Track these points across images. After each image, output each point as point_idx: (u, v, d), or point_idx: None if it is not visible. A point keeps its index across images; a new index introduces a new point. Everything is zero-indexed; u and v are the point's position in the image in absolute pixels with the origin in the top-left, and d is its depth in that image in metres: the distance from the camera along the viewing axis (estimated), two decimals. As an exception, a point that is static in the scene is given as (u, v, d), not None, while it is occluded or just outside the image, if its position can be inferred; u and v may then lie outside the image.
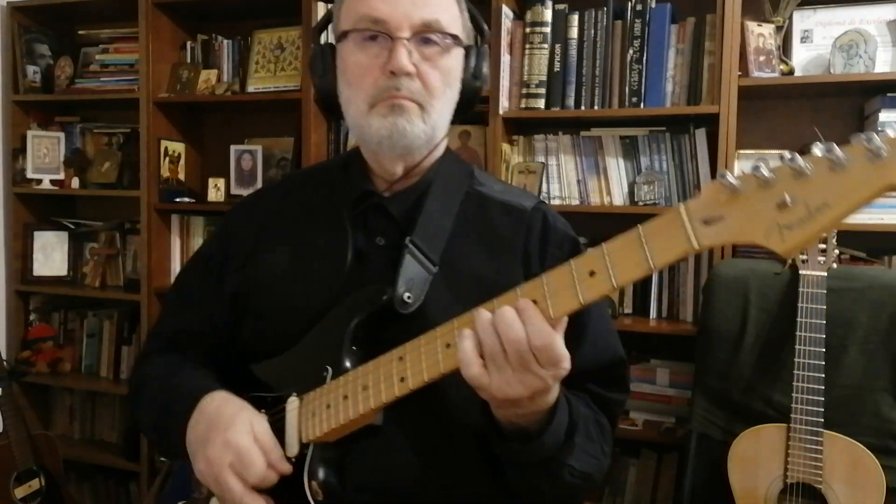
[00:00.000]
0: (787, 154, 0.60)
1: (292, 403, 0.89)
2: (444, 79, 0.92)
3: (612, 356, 0.98)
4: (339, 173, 1.03)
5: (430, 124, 0.91)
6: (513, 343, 0.69)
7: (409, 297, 0.88)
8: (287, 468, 0.85)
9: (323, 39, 1.02)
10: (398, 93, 0.88)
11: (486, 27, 1.01)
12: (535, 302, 0.71)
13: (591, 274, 0.68)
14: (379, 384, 0.81)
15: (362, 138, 0.94)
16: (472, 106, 1.00)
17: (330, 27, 1.00)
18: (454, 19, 0.93)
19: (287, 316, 0.94)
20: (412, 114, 0.89)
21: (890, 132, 0.57)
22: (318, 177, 1.07)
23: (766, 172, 0.60)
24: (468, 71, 0.97)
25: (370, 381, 0.82)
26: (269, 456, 0.84)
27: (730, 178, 0.62)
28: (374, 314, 0.88)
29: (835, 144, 0.58)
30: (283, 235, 1.01)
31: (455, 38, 0.92)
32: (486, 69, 0.99)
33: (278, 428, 0.89)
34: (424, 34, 0.89)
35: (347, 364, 0.87)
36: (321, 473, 0.85)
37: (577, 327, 0.72)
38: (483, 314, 0.72)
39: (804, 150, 0.60)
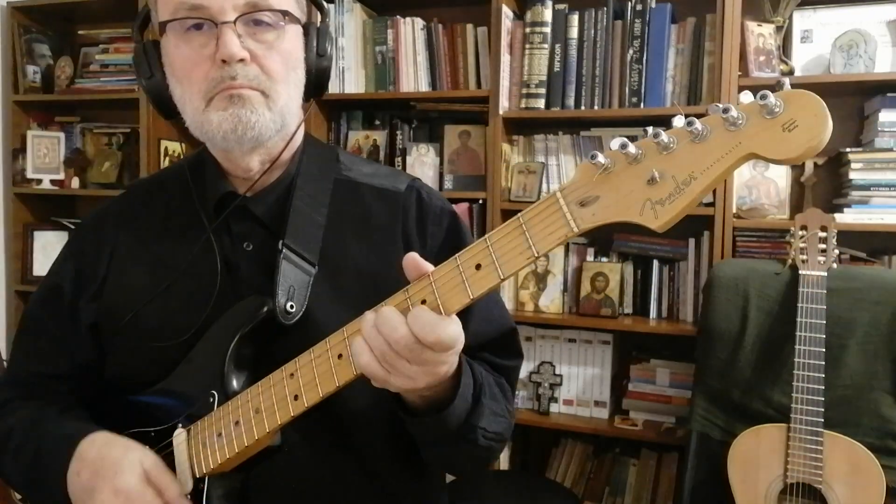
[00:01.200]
0: (650, 129, 0.60)
1: (179, 436, 0.82)
2: (285, 60, 0.83)
3: (501, 326, 0.95)
4: (188, 178, 0.94)
5: (277, 112, 0.83)
6: (400, 343, 0.66)
7: (291, 307, 0.82)
8: (180, 500, 0.79)
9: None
10: (234, 82, 0.79)
11: (323, 2, 0.92)
12: (424, 301, 0.68)
13: (478, 267, 0.66)
14: (272, 405, 0.76)
15: (206, 137, 0.85)
16: (323, 87, 0.92)
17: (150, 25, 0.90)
18: (286, 3, 0.84)
19: (157, 341, 0.86)
20: (255, 102, 0.81)
21: (744, 98, 0.57)
22: (166, 184, 0.98)
23: (632, 149, 0.60)
24: (311, 50, 0.88)
25: (262, 402, 0.76)
26: (166, 495, 0.78)
27: (599, 157, 0.61)
28: (256, 329, 0.82)
29: (695, 118, 0.58)
30: (139, 254, 0.92)
31: (287, 14, 0.83)
32: (329, 47, 0.90)
33: (167, 464, 0.82)
34: (252, 15, 0.80)
35: (234, 385, 0.81)
36: None
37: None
38: (367, 318, 0.68)
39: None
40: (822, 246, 1.65)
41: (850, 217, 1.91)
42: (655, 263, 2.19)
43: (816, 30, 2.04)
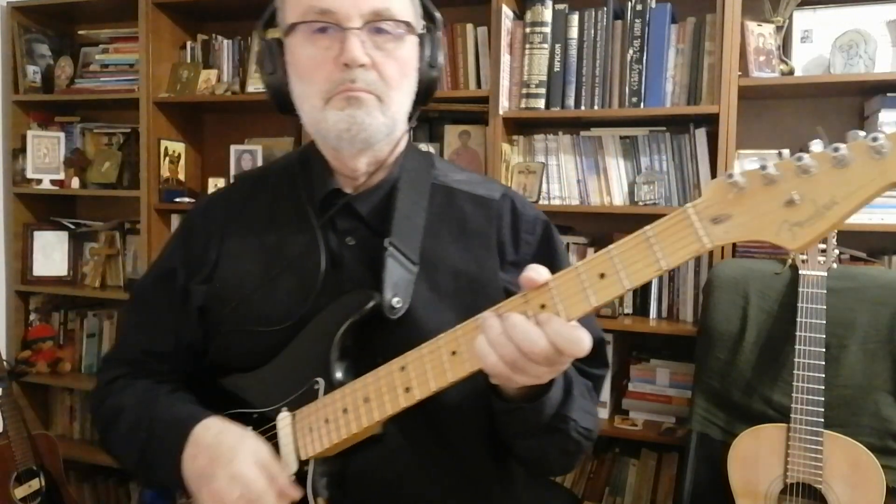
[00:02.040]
0: (786, 152, 0.60)
1: (284, 420, 0.86)
2: (401, 69, 0.88)
3: (594, 336, 0.97)
4: (297, 172, 0.98)
5: (389, 116, 0.87)
6: (540, 355, 0.68)
7: (398, 302, 0.85)
8: (297, 493, 0.82)
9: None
10: (354, 85, 0.84)
11: (437, 14, 0.96)
12: (543, 307, 0.70)
13: (602, 276, 0.68)
14: (382, 396, 0.79)
15: (320, 134, 0.90)
16: (430, 96, 0.96)
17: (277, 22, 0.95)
18: (405, 6, 0.89)
19: (262, 326, 0.90)
20: (370, 106, 0.85)
21: (888, 129, 0.57)
22: (274, 177, 1.02)
23: (771, 170, 0.60)
24: (423, 60, 0.92)
25: (371, 392, 0.79)
26: (277, 482, 0.82)
27: (736, 176, 0.62)
28: (361, 321, 0.85)
29: (840, 144, 0.58)
30: (248, 242, 0.96)
31: (408, 25, 0.88)
32: (441, 58, 0.95)
33: (270, 446, 0.86)
34: (376, 23, 0.85)
35: (338, 374, 0.84)
36: (325, 489, 0.84)
37: None
38: (492, 325, 0.70)
39: (803, 150, 0.61)
40: (822, 246, 1.65)
41: (850, 217, 1.91)
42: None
43: (816, 30, 2.04)
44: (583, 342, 0.68)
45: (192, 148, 2.77)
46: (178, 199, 2.61)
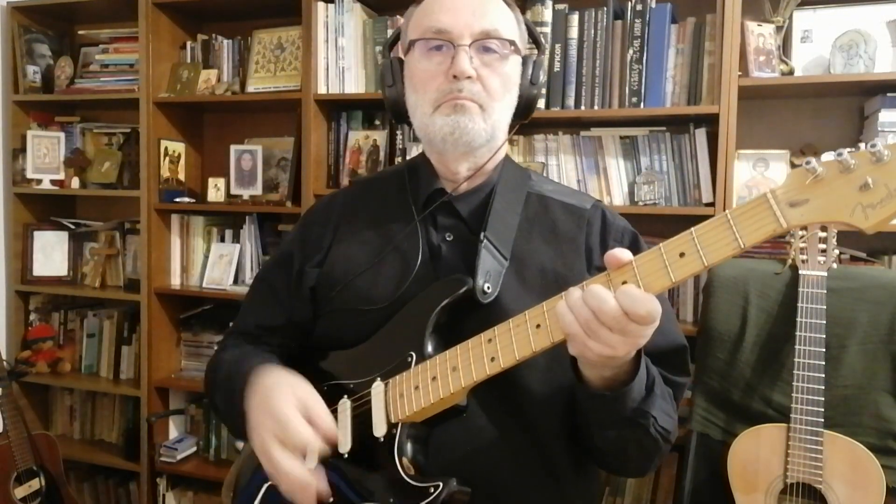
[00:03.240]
0: (862, 144, 0.66)
1: (377, 387, 0.93)
2: (503, 83, 0.99)
3: (676, 342, 1.01)
4: (406, 176, 1.09)
5: (489, 124, 0.98)
6: (608, 315, 0.72)
7: (488, 288, 0.93)
8: (331, 427, 0.90)
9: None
10: (460, 94, 0.95)
11: (542, 41, 1.09)
12: (624, 283, 0.74)
13: (682, 255, 0.73)
14: (469, 364, 0.85)
15: (427, 138, 1.01)
16: (530, 112, 1.06)
17: (399, 43, 1.08)
18: (512, 30, 1.00)
19: (364, 306, 1.00)
20: (473, 113, 0.96)
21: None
22: (387, 180, 1.14)
23: (848, 158, 0.66)
24: (525, 78, 1.03)
25: (459, 362, 0.86)
26: (318, 423, 0.89)
27: (814, 163, 0.67)
28: (455, 304, 0.93)
29: None
30: (359, 233, 1.08)
31: (513, 44, 0.99)
32: (542, 78, 1.05)
33: (363, 412, 0.94)
34: (484, 42, 0.96)
35: (430, 349, 0.92)
36: (410, 451, 0.90)
37: None
38: (572, 292, 0.76)
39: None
40: (822, 246, 1.65)
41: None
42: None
43: (816, 30, 2.04)
44: (650, 304, 0.72)
45: (192, 148, 2.77)
46: (178, 199, 2.61)
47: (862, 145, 0.65)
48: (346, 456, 0.94)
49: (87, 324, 2.87)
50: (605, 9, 2.14)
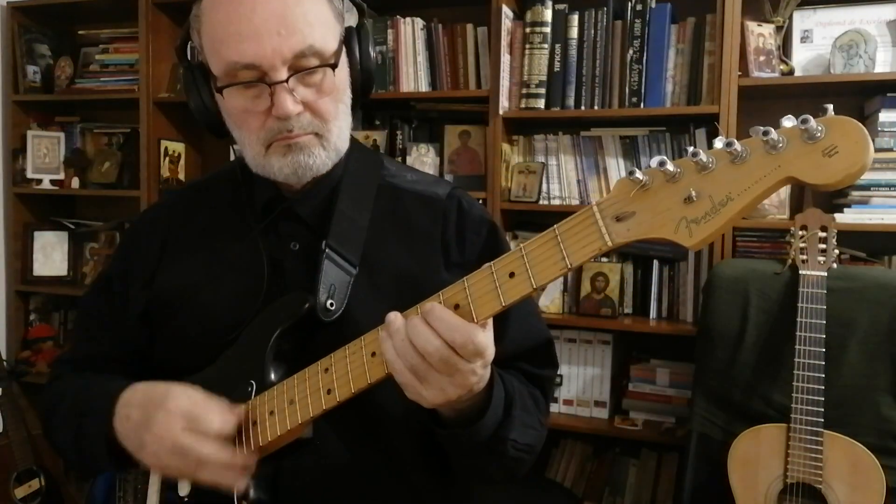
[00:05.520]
0: (690, 149, 0.61)
1: None
2: (334, 98, 0.87)
3: (538, 337, 0.97)
4: (239, 179, 0.97)
5: (331, 148, 0.88)
6: (429, 351, 0.68)
7: (331, 304, 0.85)
8: (240, 408, 0.82)
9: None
10: (291, 133, 0.84)
11: (360, 1, 0.93)
12: (457, 306, 0.70)
13: (511, 276, 0.68)
14: (306, 398, 0.78)
15: (266, 175, 0.89)
16: (371, 87, 0.95)
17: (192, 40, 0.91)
18: (326, 26, 0.85)
19: (204, 331, 0.91)
20: (311, 147, 0.85)
21: (786, 122, 0.58)
22: (218, 185, 1.02)
23: (670, 167, 0.61)
24: (355, 62, 0.91)
25: (296, 394, 0.79)
26: (211, 408, 0.81)
27: (638, 173, 0.62)
28: (297, 324, 0.85)
29: (735, 139, 0.59)
30: (190, 248, 0.97)
31: (335, 54, 0.85)
32: (371, 49, 0.93)
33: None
34: (301, 69, 0.82)
35: (272, 377, 0.84)
36: (252, 492, 0.82)
37: (502, 313, 0.71)
38: (397, 327, 0.70)
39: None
40: (822, 246, 1.65)
41: (850, 217, 1.91)
42: (655, 263, 2.19)
43: (816, 30, 2.04)
44: (475, 342, 0.68)
45: (192, 148, 2.77)
46: (178, 199, 2.61)
47: (690, 149, 0.60)
48: (187, 499, 0.87)
49: (87, 324, 2.87)
50: (605, 9, 2.14)
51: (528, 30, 2.19)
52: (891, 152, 1.92)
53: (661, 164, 0.61)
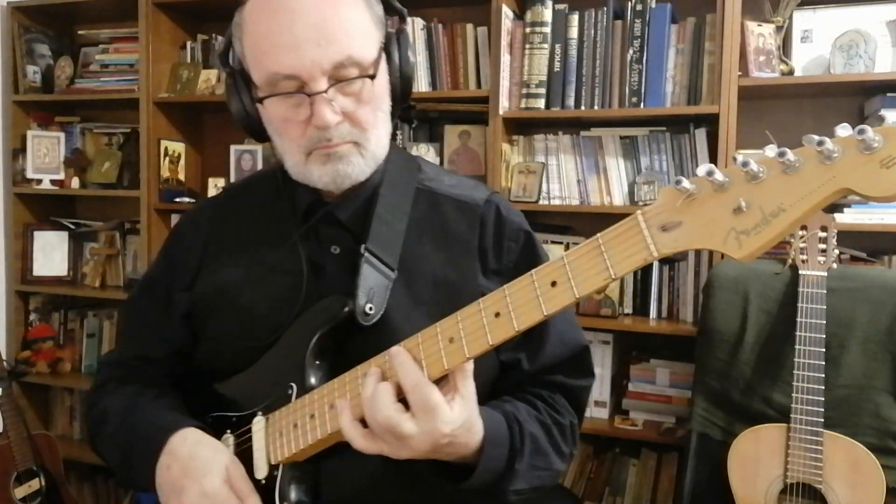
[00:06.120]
0: (740, 158, 0.59)
1: (258, 423, 0.88)
2: (373, 108, 0.87)
3: (576, 345, 0.98)
4: (280, 179, 0.97)
5: (369, 157, 0.88)
6: (376, 421, 0.72)
7: (370, 308, 0.86)
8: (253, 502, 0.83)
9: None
10: (330, 143, 0.85)
11: (400, 7, 0.93)
12: (497, 315, 0.70)
13: (553, 284, 0.67)
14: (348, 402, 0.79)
15: (305, 181, 0.90)
16: (409, 93, 0.95)
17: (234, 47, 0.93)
18: (365, 35, 0.85)
19: (244, 333, 0.92)
20: (350, 156, 0.86)
21: (841, 132, 0.56)
22: (258, 187, 1.03)
23: (720, 176, 0.59)
24: (394, 68, 0.91)
25: (336, 398, 0.80)
26: (246, 502, 0.82)
27: (685, 182, 0.61)
28: (336, 327, 0.86)
29: (787, 149, 0.57)
30: (231, 251, 0.98)
31: (374, 63, 0.85)
32: (411, 54, 0.92)
33: (245, 448, 0.88)
34: (342, 78, 0.83)
35: (312, 380, 0.85)
36: (293, 494, 0.84)
37: (541, 323, 0.70)
38: (366, 389, 0.75)
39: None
40: (822, 246, 1.65)
41: (850, 217, 1.91)
42: (655, 263, 2.19)
43: (816, 30, 2.04)
44: (428, 395, 0.71)
45: (192, 148, 2.77)
46: (178, 199, 2.61)
47: (738, 156, 0.59)
48: None
49: (87, 324, 2.87)
50: (605, 9, 2.14)
51: (528, 30, 2.19)
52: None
53: (710, 173, 0.60)
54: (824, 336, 1.59)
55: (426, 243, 0.93)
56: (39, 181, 2.78)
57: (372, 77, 0.85)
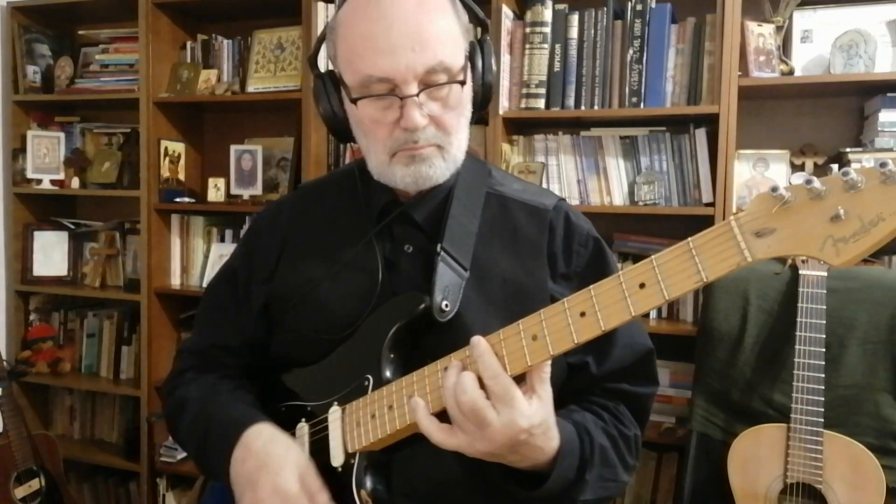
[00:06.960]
0: (835, 167, 0.60)
1: (334, 413, 0.90)
2: (458, 112, 0.91)
3: (642, 350, 0.99)
4: (357, 178, 1.01)
5: (450, 160, 0.92)
6: (464, 403, 0.73)
7: (446, 305, 0.88)
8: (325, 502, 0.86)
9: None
10: (416, 145, 0.88)
11: (483, 16, 0.96)
12: (583, 314, 0.71)
13: (642, 286, 0.68)
14: (425, 395, 0.81)
15: (386, 181, 0.94)
16: (489, 100, 1.00)
17: (323, 49, 0.98)
18: (455, 43, 0.89)
19: (320, 326, 0.95)
20: (433, 158, 0.90)
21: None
22: (336, 185, 1.07)
23: (817, 184, 0.60)
24: (477, 75, 0.94)
25: (415, 391, 0.82)
26: (316, 499, 0.84)
27: (781, 189, 0.62)
28: (412, 323, 0.89)
29: (889, 160, 0.58)
30: (309, 247, 1.01)
31: (463, 69, 0.90)
32: (493, 63, 0.96)
33: (320, 438, 0.90)
34: (431, 85, 0.87)
35: (387, 373, 0.88)
36: (369, 482, 0.86)
37: (608, 333, 0.72)
38: (449, 378, 0.76)
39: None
40: (822, 246, 1.65)
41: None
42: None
43: (816, 30, 2.04)
44: (505, 384, 0.73)
45: (192, 148, 2.77)
46: (178, 200, 2.61)
47: (834, 168, 0.61)
48: None
49: (87, 324, 2.87)
50: (605, 9, 2.14)
51: (528, 30, 2.19)
52: (891, 152, 1.92)
53: (808, 182, 0.61)
54: (824, 336, 1.59)
55: (496, 246, 0.96)
56: (39, 181, 2.78)
57: (462, 83, 0.89)
